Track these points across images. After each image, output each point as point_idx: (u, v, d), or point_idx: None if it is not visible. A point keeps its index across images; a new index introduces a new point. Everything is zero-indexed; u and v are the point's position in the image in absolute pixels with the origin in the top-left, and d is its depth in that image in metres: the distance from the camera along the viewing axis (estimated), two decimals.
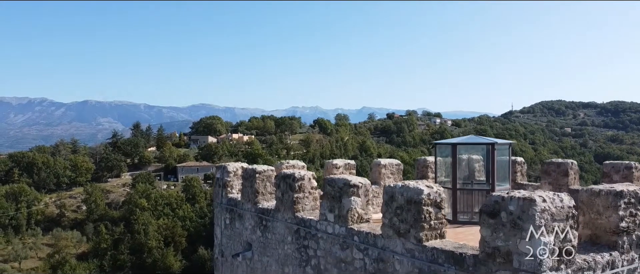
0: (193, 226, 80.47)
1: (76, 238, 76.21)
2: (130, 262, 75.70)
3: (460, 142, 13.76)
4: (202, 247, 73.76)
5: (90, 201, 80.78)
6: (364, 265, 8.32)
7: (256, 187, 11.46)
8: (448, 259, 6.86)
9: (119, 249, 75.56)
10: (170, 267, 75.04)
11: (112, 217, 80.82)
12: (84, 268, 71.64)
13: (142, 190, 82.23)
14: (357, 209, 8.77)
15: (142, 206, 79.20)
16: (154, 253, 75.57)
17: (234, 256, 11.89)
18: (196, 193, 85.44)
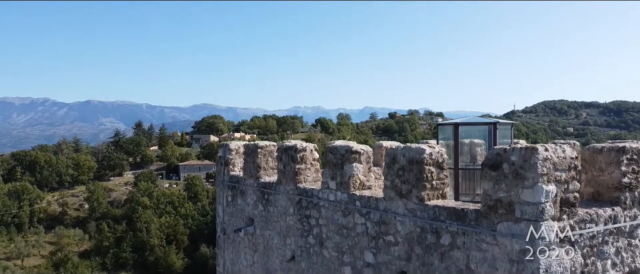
0: (195, 224, 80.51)
1: (78, 236, 76.33)
2: (133, 260, 75.81)
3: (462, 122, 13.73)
4: (204, 245, 73.78)
5: (92, 199, 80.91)
6: (365, 229, 8.31)
7: (258, 162, 11.46)
8: (450, 215, 6.86)
9: (121, 247, 75.65)
10: (172, 265, 75.10)
11: (115, 215, 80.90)
12: (86, 265, 71.72)
13: (145, 188, 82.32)
14: (358, 175, 8.77)
15: (144, 204, 79.27)
16: (156, 251, 75.66)
17: (236, 231, 11.89)
18: (198, 192, 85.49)
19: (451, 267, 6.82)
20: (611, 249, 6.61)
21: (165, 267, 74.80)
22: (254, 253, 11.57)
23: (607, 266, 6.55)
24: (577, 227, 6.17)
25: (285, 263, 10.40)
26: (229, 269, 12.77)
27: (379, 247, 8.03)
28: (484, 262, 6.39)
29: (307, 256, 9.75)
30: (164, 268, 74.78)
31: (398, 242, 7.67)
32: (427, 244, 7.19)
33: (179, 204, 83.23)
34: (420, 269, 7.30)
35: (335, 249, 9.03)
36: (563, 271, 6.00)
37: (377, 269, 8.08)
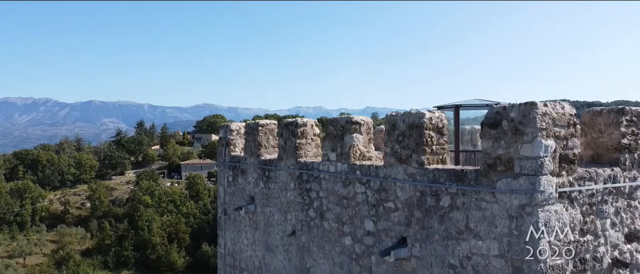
0: (197, 222, 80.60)
1: (80, 234, 76.48)
2: (134, 258, 75.95)
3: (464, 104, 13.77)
4: (206, 243, 73.83)
5: (94, 198, 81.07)
6: (366, 198, 8.33)
7: (259, 140, 11.49)
8: (449, 177, 6.87)
9: (123, 246, 75.80)
10: (173, 263, 75.21)
11: (116, 214, 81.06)
12: (88, 264, 71.85)
13: (146, 187, 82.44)
14: (359, 146, 8.79)
15: (146, 203, 79.39)
16: (158, 249, 75.76)
17: (237, 209, 11.91)
18: (200, 190, 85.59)
19: (451, 228, 6.84)
20: (611, 209, 6.63)
21: (166, 265, 74.90)
22: (255, 231, 11.60)
23: (606, 225, 6.56)
24: (576, 184, 6.18)
25: (286, 238, 10.43)
26: (229, 249, 12.79)
27: (379, 214, 8.05)
28: (483, 220, 6.41)
29: (308, 229, 9.77)
30: (166, 266, 74.89)
31: (398, 208, 7.69)
32: (426, 207, 7.21)
33: (181, 203, 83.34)
34: (420, 233, 7.32)
35: (335, 221, 9.05)
36: (562, 226, 6.01)
37: (377, 236, 8.10)
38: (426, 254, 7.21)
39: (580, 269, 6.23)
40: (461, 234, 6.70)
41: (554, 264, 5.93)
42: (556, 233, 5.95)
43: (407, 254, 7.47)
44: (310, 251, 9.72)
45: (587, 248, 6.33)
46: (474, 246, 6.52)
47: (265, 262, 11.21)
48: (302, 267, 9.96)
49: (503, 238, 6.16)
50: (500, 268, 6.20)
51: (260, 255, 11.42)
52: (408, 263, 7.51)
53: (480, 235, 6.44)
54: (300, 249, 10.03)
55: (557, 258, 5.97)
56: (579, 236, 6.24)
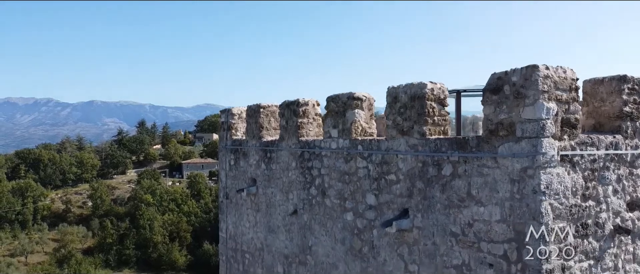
0: (198, 221, 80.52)
1: (82, 233, 76.44)
2: (136, 257, 75.87)
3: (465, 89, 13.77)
4: (207, 242, 73.79)
5: (95, 196, 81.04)
6: (367, 173, 8.34)
7: (260, 122, 11.50)
8: (451, 145, 6.88)
9: (125, 244, 75.73)
10: (175, 262, 75.14)
11: (118, 212, 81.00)
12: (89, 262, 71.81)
13: (148, 186, 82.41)
14: (360, 121, 8.79)
15: (147, 202, 79.36)
16: (159, 248, 75.69)
17: (239, 191, 11.92)
18: (201, 189, 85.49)
19: (452, 197, 6.84)
20: (612, 175, 6.63)
21: (168, 264, 74.85)
22: (257, 212, 11.60)
23: (608, 191, 6.56)
24: (578, 148, 6.19)
25: (287, 218, 10.43)
26: (231, 232, 12.80)
27: (381, 188, 8.05)
28: (485, 186, 6.41)
29: (309, 207, 9.77)
30: (167, 265, 74.83)
31: (400, 180, 7.70)
32: (428, 177, 7.21)
33: (182, 202, 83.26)
34: (421, 203, 7.32)
35: (337, 197, 9.05)
36: (564, 189, 6.01)
37: (378, 210, 8.11)
38: (428, 224, 7.22)
39: (582, 234, 6.23)
40: (463, 202, 6.70)
41: (556, 227, 5.93)
42: (558, 196, 5.95)
43: (408, 225, 7.48)
44: (312, 229, 9.73)
45: (589, 213, 6.33)
46: (476, 213, 6.53)
47: (267, 243, 11.21)
48: (304, 245, 9.96)
49: (505, 203, 6.17)
50: (502, 233, 6.21)
51: (262, 237, 11.43)
52: (410, 234, 7.52)
53: (482, 201, 6.44)
54: (302, 228, 10.03)
55: (559, 221, 5.98)
56: (581, 201, 6.24)
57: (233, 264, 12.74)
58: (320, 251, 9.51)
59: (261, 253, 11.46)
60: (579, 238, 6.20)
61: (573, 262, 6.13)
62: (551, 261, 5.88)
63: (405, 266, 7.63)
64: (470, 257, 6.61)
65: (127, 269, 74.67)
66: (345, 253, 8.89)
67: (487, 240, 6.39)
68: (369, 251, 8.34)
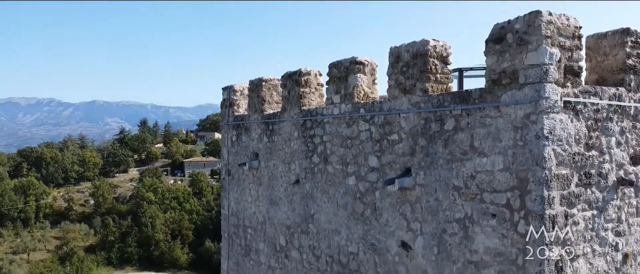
0: (200, 219, 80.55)
1: (84, 230, 76.51)
2: (138, 255, 75.88)
3: (467, 67, 13.76)
4: (209, 240, 73.80)
5: (97, 194, 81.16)
6: (369, 135, 8.32)
7: (263, 96, 11.49)
8: (454, 99, 6.86)
9: (127, 242, 75.74)
10: (177, 260, 75.16)
11: (120, 210, 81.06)
12: (91, 260, 71.84)
13: (149, 184, 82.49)
14: (363, 86, 8.78)
15: (149, 200, 79.41)
16: (161, 245, 75.72)
17: (241, 164, 11.91)
18: (203, 187, 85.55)
19: (455, 151, 6.82)
20: (616, 127, 6.60)
21: (170, 262, 74.86)
22: (259, 186, 11.58)
23: (611, 143, 6.54)
24: (581, 96, 6.17)
25: (289, 189, 10.42)
26: (233, 209, 12.78)
27: (383, 148, 8.04)
28: (487, 137, 6.40)
29: (312, 175, 9.76)
30: (169, 263, 74.84)
31: (402, 139, 7.68)
32: (430, 134, 7.20)
33: (184, 200, 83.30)
34: (424, 160, 7.30)
35: (339, 163, 9.03)
36: (567, 136, 6.00)
37: (381, 171, 8.09)
38: (430, 180, 7.20)
39: (585, 182, 6.21)
40: (465, 155, 6.69)
41: (559, 174, 5.91)
42: (561, 143, 5.93)
43: (411, 183, 7.46)
44: (314, 197, 9.71)
45: (592, 163, 6.31)
46: (479, 164, 6.51)
47: (269, 216, 11.20)
48: (306, 214, 9.95)
49: (508, 151, 6.15)
50: (505, 181, 6.19)
51: (263, 210, 11.41)
52: (412, 192, 7.50)
53: (485, 152, 6.43)
54: (304, 197, 10.01)
55: (562, 168, 5.96)
56: (584, 150, 6.22)
57: (235, 240, 12.72)
58: (323, 218, 9.49)
59: (263, 226, 11.44)
60: (582, 186, 6.18)
61: (576, 210, 6.11)
62: (554, 208, 5.85)
63: (408, 225, 7.61)
64: (472, 209, 6.59)
65: (129, 267, 74.68)
66: (347, 218, 8.87)
67: (490, 190, 6.37)
68: (371, 214, 8.32)
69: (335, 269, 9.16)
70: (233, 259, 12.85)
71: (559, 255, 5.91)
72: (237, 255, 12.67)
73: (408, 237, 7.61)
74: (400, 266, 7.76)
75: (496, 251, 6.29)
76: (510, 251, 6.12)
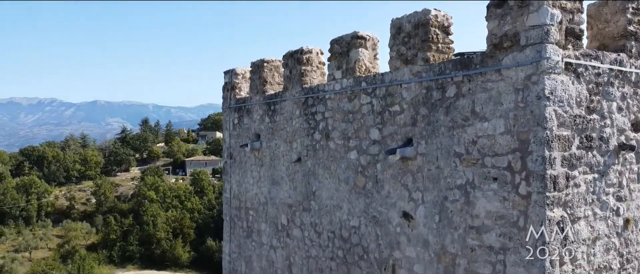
0: (201, 218, 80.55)
1: (85, 229, 76.59)
2: (139, 253, 75.88)
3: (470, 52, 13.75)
4: (210, 238, 73.81)
5: (99, 193, 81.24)
6: (371, 108, 8.34)
7: (264, 77, 11.52)
8: (455, 66, 6.88)
9: (128, 241, 75.75)
10: (178, 258, 75.12)
11: (121, 209, 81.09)
12: (93, 258, 71.86)
13: (151, 183, 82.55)
14: (364, 60, 8.80)
15: (150, 198, 79.45)
16: (163, 244, 75.71)
17: (242, 146, 11.93)
18: (204, 186, 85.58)
19: (456, 117, 6.84)
20: (617, 92, 6.62)
21: (171, 260, 74.84)
22: (260, 167, 11.61)
23: (612, 108, 6.56)
24: (582, 59, 6.18)
25: (291, 167, 10.44)
26: (235, 192, 12.80)
27: (385, 120, 8.06)
28: (489, 101, 6.41)
29: (313, 153, 9.78)
30: (171, 261, 74.83)
31: (404, 109, 7.70)
32: (432, 102, 7.22)
33: (186, 199, 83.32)
34: (425, 129, 7.32)
35: (341, 138, 9.05)
36: (568, 98, 6.01)
37: (382, 144, 8.10)
38: (432, 148, 7.22)
39: (586, 145, 6.22)
40: (467, 121, 6.70)
41: (560, 135, 5.93)
42: (562, 104, 5.95)
43: (412, 153, 7.48)
44: (316, 174, 9.73)
45: (594, 126, 6.33)
46: (480, 129, 6.53)
47: (271, 196, 11.21)
48: (308, 192, 9.97)
49: (509, 113, 6.17)
50: (506, 144, 6.20)
51: (265, 191, 11.43)
52: (413, 161, 7.52)
53: (486, 116, 6.44)
54: (305, 174, 10.03)
55: (563, 130, 5.97)
56: (586, 113, 6.24)
57: (237, 223, 12.74)
58: (324, 195, 9.51)
59: (265, 207, 11.46)
60: (583, 149, 6.19)
61: (577, 172, 6.12)
62: (555, 168, 5.87)
63: (409, 195, 7.63)
64: (474, 174, 6.60)
65: (131, 265, 74.70)
66: (349, 192, 8.89)
67: (491, 155, 6.38)
68: (372, 186, 8.34)
69: (337, 244, 9.18)
70: (235, 241, 12.87)
71: (560, 216, 5.92)
72: (239, 237, 12.69)
73: (409, 207, 7.62)
74: (402, 237, 7.78)
75: (497, 214, 6.30)
76: (512, 213, 6.14)
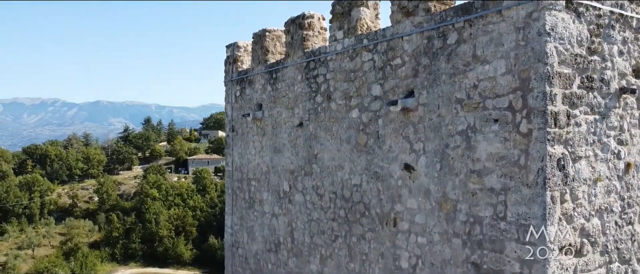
0: (204, 215, 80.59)
1: (88, 226, 76.71)
2: (142, 251, 75.96)
3: None
4: (213, 236, 73.83)
5: (102, 191, 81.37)
6: (373, 65, 8.36)
7: (266, 46, 11.56)
8: (456, 12, 6.90)
9: (131, 238, 75.84)
10: (181, 256, 75.20)
11: (124, 207, 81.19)
12: (95, 255, 71.98)
13: (153, 181, 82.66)
14: (366, 19, 8.84)
15: (153, 196, 79.54)
16: (165, 242, 75.78)
17: (245, 115, 11.96)
18: (207, 184, 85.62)
19: (458, 63, 6.86)
20: (618, 36, 6.62)
21: (174, 258, 74.92)
22: (263, 137, 11.64)
23: (613, 51, 6.56)
24: None
25: (293, 133, 10.46)
26: (237, 164, 12.83)
27: (386, 75, 8.08)
28: (490, 43, 6.43)
29: (315, 116, 9.80)
30: (173, 259, 74.90)
31: (405, 62, 7.73)
32: (433, 51, 7.24)
33: (188, 197, 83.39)
34: (426, 79, 7.35)
35: (342, 98, 9.08)
36: (569, 36, 6.03)
37: (384, 98, 8.12)
38: (433, 98, 7.23)
39: (587, 85, 6.23)
40: (468, 66, 6.72)
41: (561, 72, 5.94)
42: (563, 42, 5.96)
43: (413, 104, 7.50)
44: (318, 137, 9.75)
45: (595, 67, 6.34)
46: (481, 72, 6.55)
47: (273, 164, 11.24)
48: (310, 156, 9.99)
49: (510, 53, 6.19)
50: (507, 84, 6.22)
51: (267, 160, 11.46)
52: (415, 113, 7.54)
53: (487, 59, 6.46)
54: (307, 139, 10.06)
55: (564, 67, 5.99)
56: (587, 53, 6.25)
57: (239, 194, 12.77)
58: (326, 157, 9.53)
59: (267, 176, 11.49)
60: (584, 89, 6.20)
61: (578, 111, 6.13)
62: (556, 105, 5.88)
63: (411, 146, 7.64)
64: (475, 118, 6.62)
65: (133, 263, 74.78)
66: (350, 152, 8.91)
67: (492, 97, 6.40)
68: (374, 142, 8.36)
69: (339, 204, 9.20)
70: (237, 214, 12.89)
71: (561, 153, 5.93)
72: (240, 209, 12.71)
73: (411, 158, 7.64)
74: (403, 189, 7.79)
75: (498, 155, 6.31)
76: (513, 153, 6.15)
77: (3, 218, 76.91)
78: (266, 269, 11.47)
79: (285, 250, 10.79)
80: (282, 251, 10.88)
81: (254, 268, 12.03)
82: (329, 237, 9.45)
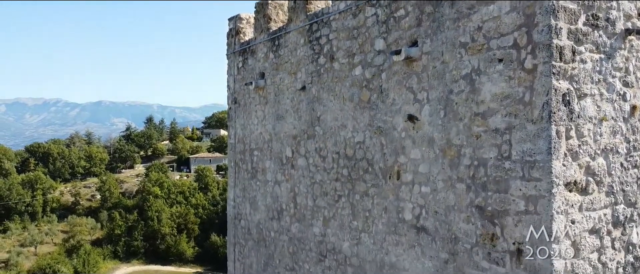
0: (206, 213, 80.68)
1: (91, 224, 76.83)
2: (144, 248, 76.10)
3: None
4: (214, 234, 73.89)
5: (104, 189, 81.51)
6: (376, 19, 8.32)
7: (268, 14, 11.54)
8: None
9: (133, 236, 76.00)
10: (183, 253, 75.32)
11: (126, 205, 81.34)
12: (98, 253, 72.09)
13: (156, 179, 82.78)
14: None
15: (155, 194, 79.65)
16: (167, 239, 75.92)
17: (247, 84, 11.94)
18: (209, 183, 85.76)
19: (461, 7, 6.81)
20: None
21: (176, 255, 75.04)
22: (265, 105, 11.61)
23: None
24: None
25: (295, 98, 10.43)
26: (239, 135, 12.80)
27: (389, 28, 8.04)
28: None
29: (318, 78, 9.77)
30: (175, 256, 75.00)
31: (408, 12, 7.68)
32: None
33: (190, 194, 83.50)
34: (430, 27, 7.30)
35: (345, 56, 9.04)
36: None
37: (387, 52, 8.08)
38: (437, 44, 7.19)
39: (592, 23, 6.18)
40: (472, 9, 6.68)
41: (566, 7, 5.89)
42: None
43: (417, 53, 7.46)
44: (320, 99, 9.71)
45: (600, 6, 6.28)
46: (485, 13, 6.50)
47: (275, 132, 11.20)
48: (312, 119, 9.95)
49: None
50: (512, 22, 6.17)
51: (270, 128, 11.42)
52: (418, 62, 7.49)
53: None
54: (310, 102, 10.02)
55: (569, 2, 5.94)
56: None
57: (242, 166, 12.73)
58: (329, 117, 9.49)
59: (270, 144, 11.45)
60: (589, 26, 6.15)
61: (583, 48, 6.08)
62: (561, 39, 5.83)
63: (414, 97, 7.59)
64: (479, 60, 6.57)
65: (135, 260, 74.88)
66: (353, 109, 8.86)
67: (497, 36, 6.35)
68: (377, 97, 8.32)
69: (342, 163, 9.15)
70: (239, 186, 12.85)
71: (566, 89, 5.88)
72: (243, 181, 12.67)
73: (414, 109, 7.59)
74: (407, 141, 7.75)
75: (503, 95, 6.26)
76: (517, 91, 6.10)
77: (6, 215, 77.10)
78: (269, 237, 11.43)
79: (287, 216, 10.74)
80: (285, 218, 10.83)
81: (256, 238, 11.99)
82: (332, 198, 9.40)
